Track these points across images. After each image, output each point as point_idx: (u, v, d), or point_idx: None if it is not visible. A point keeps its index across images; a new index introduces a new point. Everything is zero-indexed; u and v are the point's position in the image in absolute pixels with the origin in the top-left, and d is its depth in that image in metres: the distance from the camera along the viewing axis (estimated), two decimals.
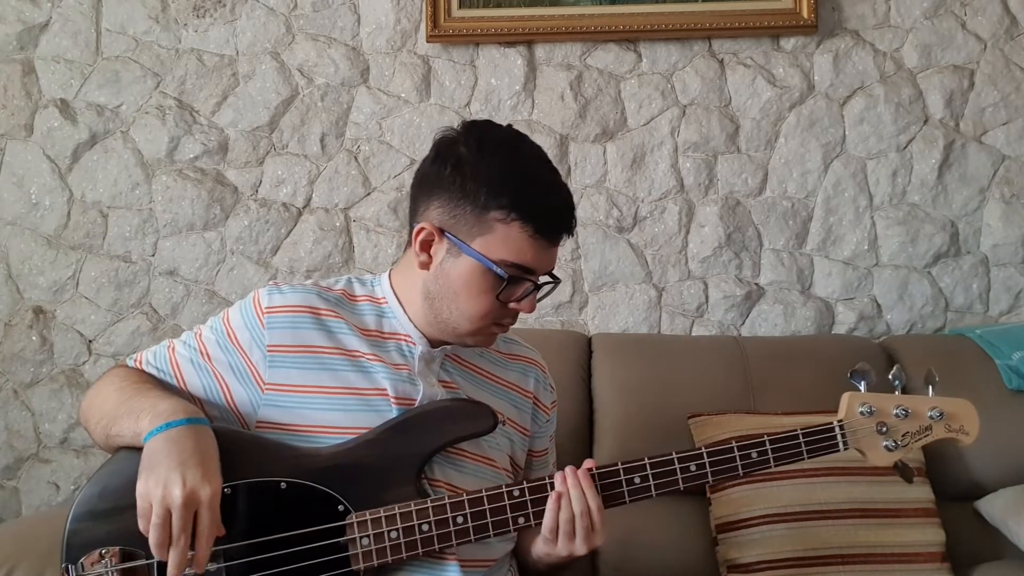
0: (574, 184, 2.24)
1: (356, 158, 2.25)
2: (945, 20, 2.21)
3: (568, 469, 1.20)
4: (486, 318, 1.21)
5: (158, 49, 2.26)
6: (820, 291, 2.25)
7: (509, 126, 1.27)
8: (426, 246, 1.22)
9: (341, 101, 2.25)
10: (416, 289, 1.25)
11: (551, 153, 2.20)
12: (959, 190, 2.22)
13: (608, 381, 1.92)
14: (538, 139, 2.18)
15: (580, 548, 1.17)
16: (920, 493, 1.72)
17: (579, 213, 2.21)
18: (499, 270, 1.17)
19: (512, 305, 1.20)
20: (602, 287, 2.24)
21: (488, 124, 1.26)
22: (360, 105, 2.25)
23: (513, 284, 1.18)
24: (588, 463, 1.21)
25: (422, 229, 1.21)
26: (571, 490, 1.17)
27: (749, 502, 1.70)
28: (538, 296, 1.23)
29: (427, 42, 2.22)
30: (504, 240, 1.16)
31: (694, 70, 2.23)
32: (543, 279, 1.23)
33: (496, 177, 1.17)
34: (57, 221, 2.25)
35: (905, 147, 2.22)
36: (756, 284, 2.25)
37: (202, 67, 2.25)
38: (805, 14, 2.16)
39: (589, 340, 2.03)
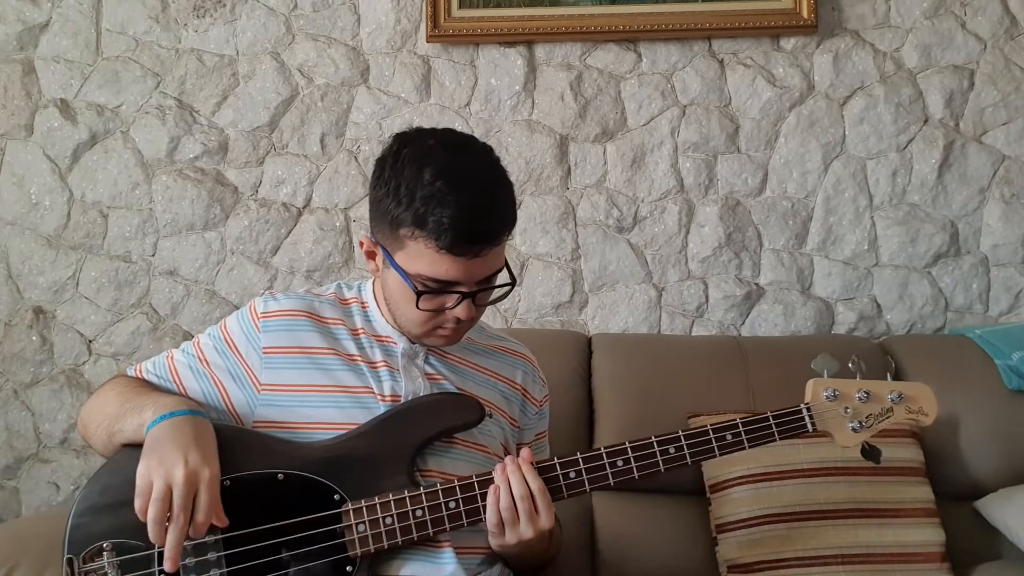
0: (574, 184, 2.24)
1: (356, 158, 2.25)
2: (945, 20, 2.21)
3: (508, 459, 1.22)
4: (426, 323, 1.24)
5: (158, 49, 2.26)
6: (820, 291, 2.25)
7: (445, 132, 1.25)
8: (370, 256, 1.27)
9: (341, 101, 2.25)
10: (381, 293, 1.31)
11: (551, 153, 2.22)
12: (959, 190, 2.22)
13: (608, 381, 1.92)
14: (538, 139, 2.21)
15: (526, 531, 1.18)
16: (920, 493, 1.72)
17: (579, 213, 2.23)
18: (411, 284, 1.19)
19: (447, 312, 1.22)
20: (602, 287, 2.24)
21: (417, 134, 1.24)
22: (360, 105, 2.25)
23: (433, 296, 1.19)
24: (525, 453, 1.23)
25: (362, 242, 1.27)
26: (510, 476, 1.19)
27: (749, 502, 1.70)
28: (491, 299, 1.25)
29: (427, 42, 2.22)
30: (416, 255, 1.17)
31: (694, 70, 2.23)
32: (501, 279, 1.23)
33: (401, 194, 1.16)
34: (57, 221, 2.25)
35: (905, 147, 2.22)
36: (756, 284, 2.25)
37: (202, 67, 2.25)
38: (805, 14, 2.16)
39: (589, 340, 2.03)
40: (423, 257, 1.17)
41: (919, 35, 2.21)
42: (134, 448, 1.16)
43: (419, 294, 1.18)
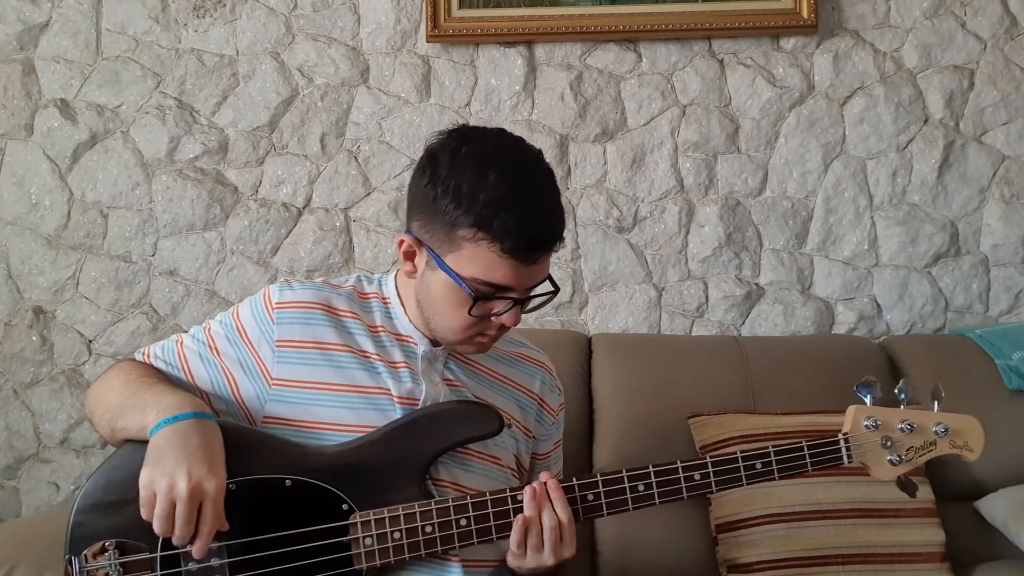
0: (574, 184, 2.24)
1: (356, 158, 2.25)
2: (945, 20, 2.21)
3: (537, 484, 1.19)
4: (468, 330, 1.20)
5: (158, 49, 2.26)
6: (820, 291, 2.25)
7: (500, 132, 1.22)
8: (409, 256, 1.22)
9: (341, 101, 2.25)
10: (411, 294, 1.26)
11: (551, 153, 2.21)
12: (959, 190, 2.22)
13: (608, 381, 1.92)
14: (538, 139, 2.21)
15: (548, 559, 1.16)
16: (920, 493, 1.71)
17: (579, 213, 2.23)
18: (467, 288, 1.15)
19: (493, 319, 1.19)
20: (602, 287, 2.24)
21: (473, 133, 1.21)
22: (360, 105, 2.25)
23: (485, 301, 1.17)
24: (553, 481, 1.20)
25: (402, 240, 1.21)
26: (543, 506, 1.17)
27: (749, 502, 1.70)
28: (533, 305, 1.22)
29: (427, 42, 2.22)
30: (473, 259, 1.14)
31: (694, 70, 2.23)
32: (540, 290, 1.21)
33: (463, 194, 1.13)
34: (57, 221, 2.25)
35: (905, 147, 2.22)
36: (756, 284, 2.25)
37: (202, 67, 2.25)
38: (805, 14, 2.16)
39: (589, 340, 2.03)
40: (480, 260, 1.13)
41: (919, 35, 2.21)
42: (137, 444, 1.14)
43: (475, 300, 1.15)
